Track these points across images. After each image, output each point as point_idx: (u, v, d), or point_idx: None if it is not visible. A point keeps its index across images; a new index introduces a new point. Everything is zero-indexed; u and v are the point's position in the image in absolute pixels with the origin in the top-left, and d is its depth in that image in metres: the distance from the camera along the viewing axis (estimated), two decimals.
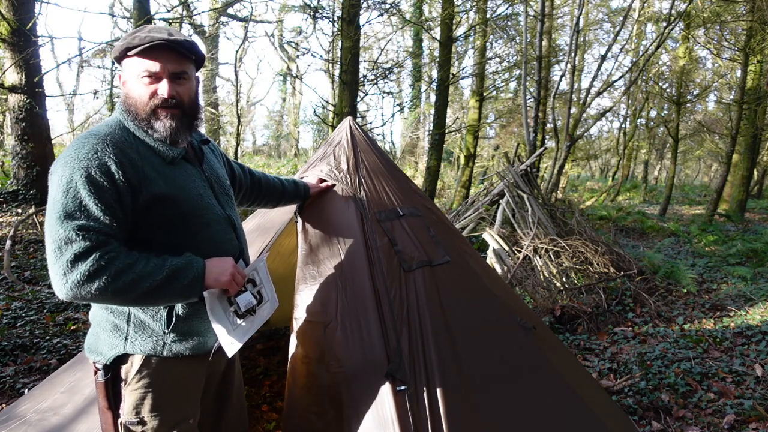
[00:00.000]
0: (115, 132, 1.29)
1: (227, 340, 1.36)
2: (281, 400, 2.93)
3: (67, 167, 1.20)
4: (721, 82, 14.79)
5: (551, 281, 4.85)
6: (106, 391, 1.35)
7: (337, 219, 2.01)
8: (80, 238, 1.15)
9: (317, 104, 17.65)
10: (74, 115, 21.55)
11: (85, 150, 1.21)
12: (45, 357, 3.25)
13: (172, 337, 1.35)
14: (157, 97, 1.32)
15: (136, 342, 1.32)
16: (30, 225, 6.23)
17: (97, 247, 1.17)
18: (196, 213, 1.37)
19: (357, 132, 2.36)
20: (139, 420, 1.34)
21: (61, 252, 1.15)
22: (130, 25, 8.25)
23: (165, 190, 1.30)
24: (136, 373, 1.33)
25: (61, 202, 1.18)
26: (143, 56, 1.30)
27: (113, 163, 1.22)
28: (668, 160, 18.37)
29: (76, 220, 1.16)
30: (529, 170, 6.74)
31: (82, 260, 1.14)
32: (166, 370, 1.36)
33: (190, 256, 1.31)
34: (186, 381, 1.41)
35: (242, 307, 1.42)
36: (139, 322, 1.33)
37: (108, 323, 1.35)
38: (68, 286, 1.15)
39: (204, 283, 1.30)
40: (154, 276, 1.21)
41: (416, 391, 1.60)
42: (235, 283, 1.36)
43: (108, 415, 1.36)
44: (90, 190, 1.18)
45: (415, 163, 19.91)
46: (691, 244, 8.11)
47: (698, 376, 3.24)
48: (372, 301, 1.76)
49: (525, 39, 10.52)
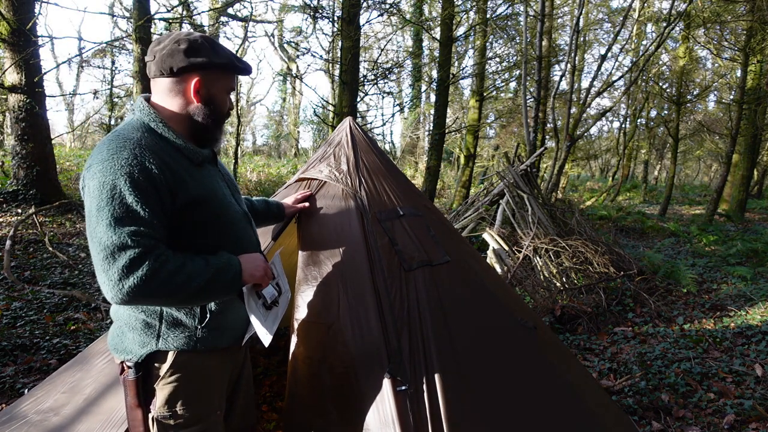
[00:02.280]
0: (145, 135, 1.30)
1: (262, 331, 1.44)
2: (281, 400, 2.93)
3: (109, 174, 1.20)
4: (721, 82, 14.80)
5: (551, 281, 4.85)
6: (137, 389, 1.36)
7: (338, 219, 2.01)
8: (134, 244, 1.17)
9: (317, 104, 17.66)
10: (74, 115, 21.58)
11: (124, 155, 1.22)
12: (45, 357, 3.25)
13: (205, 331, 1.38)
14: (229, 111, 1.46)
15: (169, 339, 1.35)
16: (30, 225, 6.23)
17: (150, 251, 1.19)
18: (223, 213, 1.41)
19: (357, 132, 2.36)
20: (171, 413, 1.37)
21: (114, 258, 1.16)
22: (130, 25, 8.24)
23: (198, 193, 1.33)
24: (169, 368, 1.35)
25: (108, 209, 1.18)
26: (233, 74, 1.43)
27: (154, 167, 1.23)
28: (668, 160, 18.37)
29: (127, 226, 1.18)
30: (529, 170, 6.74)
31: (137, 265, 1.16)
32: (198, 363, 1.39)
33: (226, 254, 1.36)
34: (215, 373, 1.45)
35: (269, 300, 1.52)
36: (172, 319, 1.35)
37: (138, 322, 1.35)
38: (125, 291, 1.16)
39: (242, 279, 1.36)
40: (202, 276, 1.26)
41: (417, 391, 1.60)
42: (267, 277, 1.45)
43: (137, 412, 1.37)
44: (136, 195, 1.20)
45: (415, 163, 19.92)
46: (691, 244, 8.11)
47: (698, 376, 3.24)
48: (372, 301, 1.76)
49: (525, 39, 10.52)
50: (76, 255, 5.55)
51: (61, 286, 4.62)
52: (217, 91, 1.40)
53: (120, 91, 14.71)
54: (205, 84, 1.37)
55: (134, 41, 7.63)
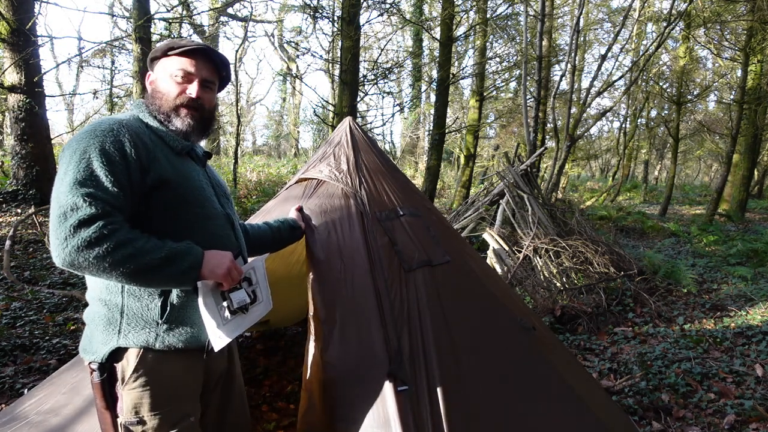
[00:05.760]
0: (130, 120, 1.38)
1: (216, 333, 1.36)
2: (281, 400, 2.92)
3: (82, 141, 1.25)
4: (721, 81, 14.79)
5: (551, 281, 4.85)
6: (103, 392, 1.34)
7: (338, 219, 2.01)
8: (87, 205, 1.18)
9: (317, 104, 17.64)
10: (74, 115, 21.56)
11: (101, 128, 1.28)
12: (44, 357, 3.25)
13: (166, 327, 1.34)
14: (185, 95, 1.43)
15: (129, 335, 1.31)
16: (30, 225, 6.22)
17: (102, 216, 1.19)
18: (197, 203, 1.41)
19: (357, 132, 2.36)
20: (138, 420, 1.33)
21: (65, 217, 1.17)
22: (130, 25, 8.24)
23: (171, 175, 1.34)
24: (132, 371, 1.32)
25: (73, 171, 1.21)
26: (183, 56, 1.43)
27: (127, 141, 1.28)
28: (668, 160, 18.37)
29: (85, 188, 1.20)
30: (529, 170, 6.74)
31: (85, 227, 1.16)
32: (163, 366, 1.35)
33: (190, 243, 1.33)
34: (184, 378, 1.40)
35: (235, 304, 1.41)
36: (133, 313, 1.32)
37: (101, 319, 1.34)
38: (67, 251, 1.16)
39: (200, 272, 1.30)
40: (153, 255, 1.23)
41: (417, 391, 1.59)
42: (230, 278, 1.36)
43: (107, 416, 1.35)
44: (102, 162, 1.23)
45: (415, 163, 19.92)
46: (692, 244, 8.11)
47: (698, 376, 3.23)
48: (372, 301, 1.76)
49: (525, 39, 10.52)
50: None
51: (61, 286, 4.62)
52: (161, 73, 1.46)
53: (120, 91, 14.71)
54: (156, 70, 1.48)
55: (134, 41, 7.62)
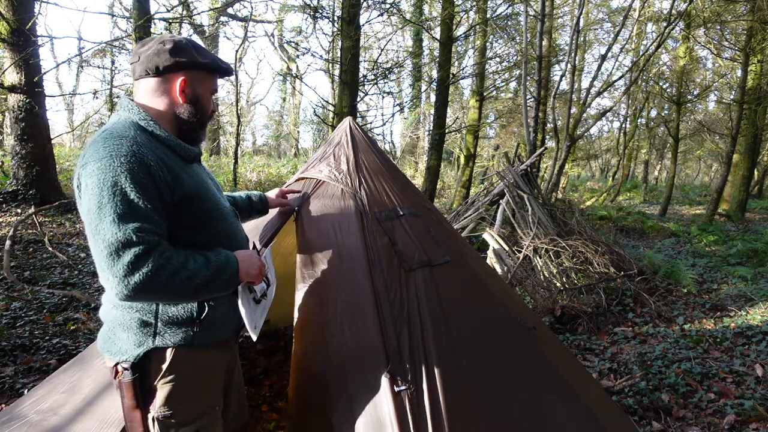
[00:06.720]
0: (138, 133, 1.30)
1: (252, 326, 1.44)
2: (281, 400, 2.92)
3: (109, 171, 1.20)
4: (721, 82, 14.79)
5: (551, 281, 4.85)
6: (134, 391, 1.34)
7: (337, 219, 2.01)
8: (139, 240, 1.18)
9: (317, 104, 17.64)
10: (74, 115, 21.58)
11: (121, 152, 1.22)
12: (44, 357, 3.25)
13: (201, 326, 1.38)
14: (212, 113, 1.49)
15: (166, 335, 1.34)
16: (30, 225, 6.22)
17: (154, 247, 1.20)
18: (214, 209, 1.43)
19: (357, 132, 2.36)
20: (172, 412, 1.36)
21: (119, 255, 1.17)
22: (130, 25, 8.24)
23: (192, 188, 1.35)
24: (168, 366, 1.35)
25: (110, 205, 1.18)
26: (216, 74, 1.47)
27: (152, 163, 1.25)
28: (668, 160, 18.37)
29: (131, 222, 1.18)
30: (529, 170, 6.73)
31: (143, 262, 1.17)
32: (194, 361, 1.39)
33: (224, 251, 1.37)
34: (212, 369, 1.45)
35: (258, 294, 1.52)
36: (168, 316, 1.34)
37: (133, 321, 1.34)
38: (131, 287, 1.17)
39: (239, 278, 1.38)
40: (203, 272, 1.27)
41: (417, 391, 1.59)
42: (261, 275, 1.45)
43: (136, 414, 1.35)
44: (138, 191, 1.21)
45: (415, 163, 19.93)
46: (692, 244, 8.10)
47: (698, 376, 3.23)
48: (372, 301, 1.76)
49: (525, 39, 10.52)
50: (76, 255, 5.54)
51: (61, 286, 4.62)
52: (202, 91, 1.42)
53: (120, 91, 14.72)
54: (189, 83, 1.39)
55: (134, 41, 7.63)
